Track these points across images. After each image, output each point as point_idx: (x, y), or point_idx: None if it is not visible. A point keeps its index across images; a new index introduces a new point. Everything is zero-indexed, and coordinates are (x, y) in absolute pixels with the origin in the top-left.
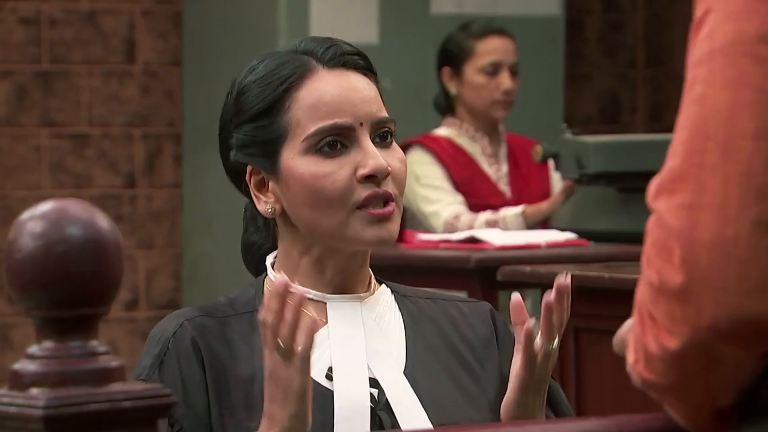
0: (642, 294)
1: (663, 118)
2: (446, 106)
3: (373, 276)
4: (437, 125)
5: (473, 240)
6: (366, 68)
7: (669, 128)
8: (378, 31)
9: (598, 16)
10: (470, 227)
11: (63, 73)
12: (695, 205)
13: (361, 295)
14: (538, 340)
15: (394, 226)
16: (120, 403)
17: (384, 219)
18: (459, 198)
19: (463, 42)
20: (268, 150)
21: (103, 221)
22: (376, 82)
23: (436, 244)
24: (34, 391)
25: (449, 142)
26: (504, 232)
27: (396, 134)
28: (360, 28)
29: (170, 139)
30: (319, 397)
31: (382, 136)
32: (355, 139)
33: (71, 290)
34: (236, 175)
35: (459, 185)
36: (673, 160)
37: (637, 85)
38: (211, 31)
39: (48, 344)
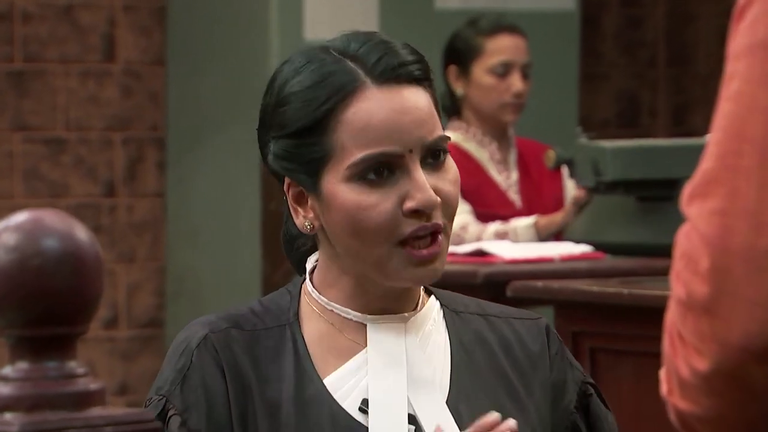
0: (672, 314)
1: (686, 121)
2: (452, 108)
3: (424, 291)
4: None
5: (481, 253)
6: (423, 78)
7: (692, 132)
8: (378, 27)
9: (615, 11)
10: (478, 239)
11: (37, 72)
12: (728, 211)
13: (406, 314)
14: None
15: (440, 265)
16: (100, 429)
17: (429, 261)
18: (466, 207)
19: (472, 39)
20: (310, 170)
21: (81, 233)
22: (432, 89)
23: None
24: (8, 416)
25: (455, 147)
26: (514, 244)
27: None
28: (359, 24)
29: (153, 145)
30: None
31: (434, 155)
32: (404, 166)
33: (47, 307)
34: (275, 173)
35: (465, 194)
36: (707, 162)
37: (658, 85)
38: (198, 27)
39: (22, 365)
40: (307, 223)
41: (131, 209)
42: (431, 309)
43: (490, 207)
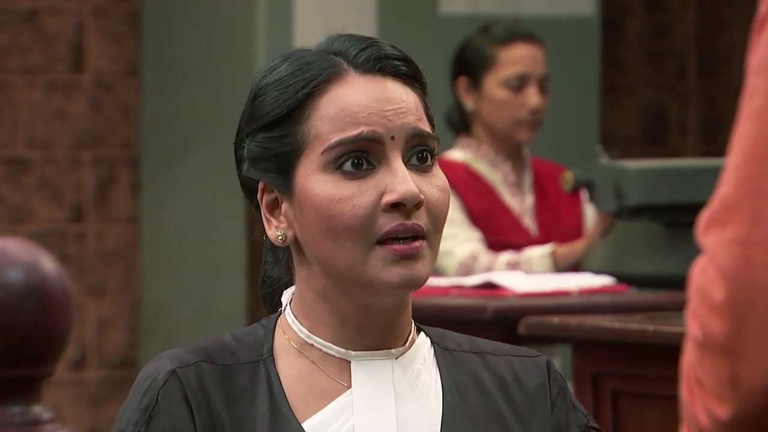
0: (689, 356)
1: (718, 138)
2: (461, 124)
3: (413, 325)
4: (450, 146)
5: (490, 285)
6: (410, 76)
7: (725, 151)
8: (376, 33)
9: (640, 16)
10: (489, 269)
11: None
12: (749, 240)
13: (394, 351)
14: None
15: (423, 267)
16: None
17: (410, 257)
18: (476, 234)
19: (484, 48)
20: (282, 165)
21: (48, 264)
22: (424, 94)
23: (446, 291)
24: None
25: (464, 168)
26: (527, 276)
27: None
28: (354, 30)
29: (126, 164)
30: None
31: (420, 156)
32: (384, 156)
33: (11, 346)
34: (250, 194)
35: (476, 219)
36: (726, 187)
37: (688, 98)
38: (175, 33)
39: None
40: (279, 234)
41: (101, 236)
42: (421, 346)
43: (503, 234)
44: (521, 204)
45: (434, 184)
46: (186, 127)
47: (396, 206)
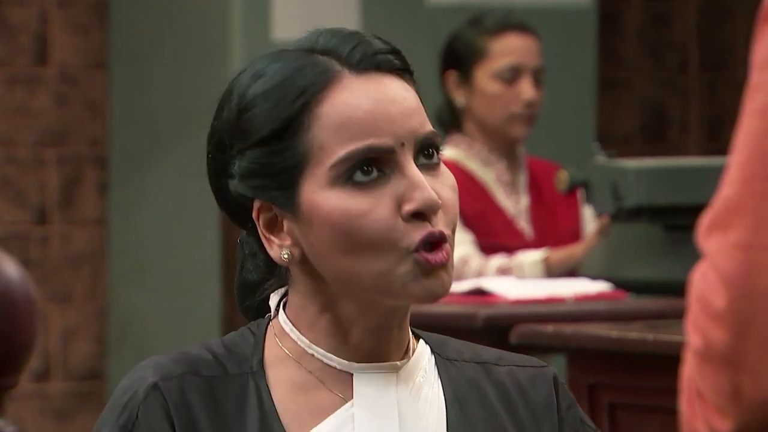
0: (689, 367)
1: (722, 135)
2: (451, 121)
3: (412, 335)
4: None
5: (480, 292)
6: (403, 69)
7: (729, 149)
8: (359, 25)
9: (639, 7)
10: (480, 274)
11: None
12: (753, 245)
13: (398, 363)
14: None
15: (449, 276)
16: None
17: (441, 267)
18: (468, 237)
19: (474, 40)
20: (284, 182)
21: (11, 269)
22: (414, 83)
23: None
24: None
25: (456, 167)
26: (519, 281)
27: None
28: (336, 22)
29: (93, 163)
30: None
31: (427, 154)
32: (396, 163)
33: None
34: (236, 210)
35: (468, 221)
36: (728, 188)
37: (689, 94)
38: (145, 25)
39: None
40: (284, 253)
41: (67, 239)
42: (422, 356)
43: (496, 237)
44: (516, 205)
45: (446, 184)
46: (157, 124)
47: (416, 214)
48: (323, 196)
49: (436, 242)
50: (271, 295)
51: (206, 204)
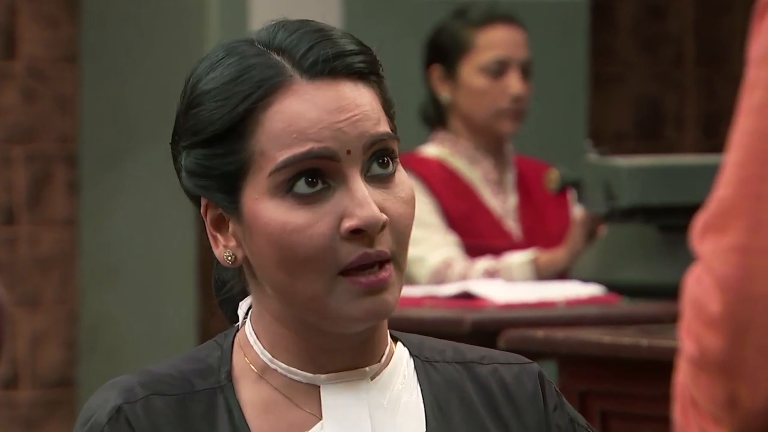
0: (683, 375)
1: (719, 132)
2: (436, 117)
3: (390, 338)
4: (424, 141)
5: (467, 295)
6: (365, 72)
7: (726, 146)
8: (340, 18)
9: None
10: (464, 278)
11: None
12: (749, 248)
13: (368, 370)
14: None
15: (392, 297)
16: None
17: (378, 289)
18: (452, 238)
19: (459, 33)
20: (226, 186)
21: None
22: (381, 88)
23: (418, 301)
24: None
25: (440, 165)
26: (508, 284)
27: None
28: (316, 13)
29: (63, 161)
30: None
31: (381, 162)
32: (342, 175)
33: None
34: (195, 201)
35: (453, 221)
36: (724, 189)
37: (685, 89)
38: (118, 17)
39: None
40: (227, 254)
41: (35, 241)
42: (399, 361)
43: (483, 238)
44: (503, 204)
45: (398, 197)
46: (130, 121)
47: (357, 232)
48: (263, 206)
49: (372, 264)
50: (241, 303)
51: (181, 204)
